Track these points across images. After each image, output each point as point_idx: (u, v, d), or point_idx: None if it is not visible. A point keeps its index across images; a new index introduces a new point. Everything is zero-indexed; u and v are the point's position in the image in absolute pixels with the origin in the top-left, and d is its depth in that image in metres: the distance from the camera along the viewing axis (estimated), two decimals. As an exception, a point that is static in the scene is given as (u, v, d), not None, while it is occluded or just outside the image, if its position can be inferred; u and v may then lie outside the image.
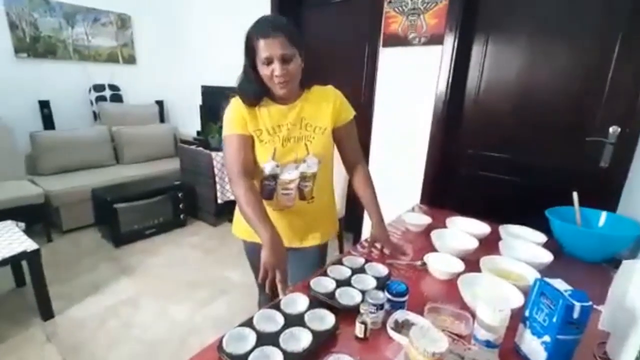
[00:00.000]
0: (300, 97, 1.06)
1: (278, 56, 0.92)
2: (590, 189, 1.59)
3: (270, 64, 0.93)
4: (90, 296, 2.00)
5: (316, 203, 1.12)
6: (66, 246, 2.60)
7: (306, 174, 1.06)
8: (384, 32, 2.17)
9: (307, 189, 1.09)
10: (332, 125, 1.07)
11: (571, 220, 1.21)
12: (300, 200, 1.10)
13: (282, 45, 0.91)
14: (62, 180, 2.84)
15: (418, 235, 1.29)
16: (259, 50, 0.93)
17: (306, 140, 1.04)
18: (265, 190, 1.08)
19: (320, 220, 1.19)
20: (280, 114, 1.03)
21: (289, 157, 1.02)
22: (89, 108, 3.51)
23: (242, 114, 1.01)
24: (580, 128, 1.74)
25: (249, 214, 0.94)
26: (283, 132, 1.02)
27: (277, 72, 0.93)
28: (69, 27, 3.29)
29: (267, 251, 0.88)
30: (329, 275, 0.93)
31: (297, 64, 0.96)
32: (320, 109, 1.06)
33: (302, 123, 1.04)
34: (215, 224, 3.03)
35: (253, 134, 1.02)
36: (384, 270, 0.97)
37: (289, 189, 1.07)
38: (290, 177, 1.05)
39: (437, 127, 2.08)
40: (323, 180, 1.11)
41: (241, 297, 2.03)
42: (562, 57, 1.74)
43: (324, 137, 1.05)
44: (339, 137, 1.11)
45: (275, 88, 0.97)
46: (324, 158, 1.07)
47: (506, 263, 0.99)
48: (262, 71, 0.96)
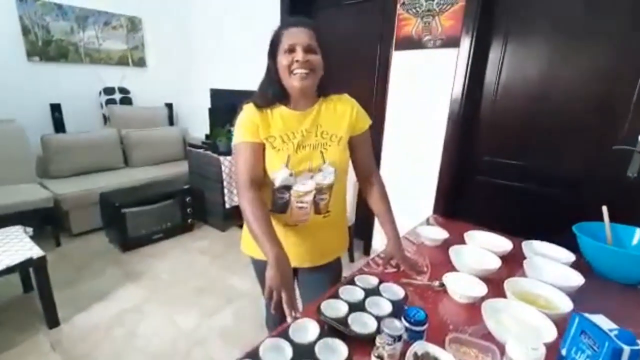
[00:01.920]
0: (316, 103, 1.01)
1: (302, 44, 0.89)
2: (616, 200, 1.49)
3: (292, 52, 0.90)
4: (97, 303, 1.98)
5: (331, 217, 1.05)
6: (74, 250, 2.59)
7: (322, 185, 0.99)
8: (397, 34, 2.10)
9: (323, 202, 1.02)
10: (348, 134, 1.02)
11: (601, 237, 1.12)
12: (315, 215, 1.02)
13: (309, 36, 0.90)
14: (72, 183, 2.84)
15: (434, 250, 1.22)
16: (284, 39, 0.91)
17: (322, 148, 0.98)
18: (278, 203, 1.01)
19: (334, 236, 1.13)
20: (295, 119, 0.98)
21: (303, 165, 0.96)
22: (99, 111, 3.52)
23: (254, 120, 0.96)
24: (606, 135, 1.64)
25: (254, 229, 0.89)
26: (297, 139, 0.96)
27: (299, 57, 0.89)
28: (80, 31, 3.30)
29: (272, 271, 0.82)
30: (340, 297, 0.87)
31: (318, 59, 0.93)
32: (337, 117, 1.01)
33: (318, 130, 0.99)
34: (223, 229, 2.99)
35: (265, 141, 0.96)
36: (400, 292, 0.91)
37: (304, 201, 1.00)
38: (305, 188, 0.98)
39: (452, 133, 2.00)
40: (339, 193, 1.05)
41: (248, 306, 1.98)
42: (586, 58, 1.65)
43: (340, 147, 1.00)
44: (353, 147, 1.05)
45: (292, 80, 0.92)
46: (340, 168, 1.01)
47: (533, 286, 0.91)
48: (282, 61, 0.91)
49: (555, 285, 0.90)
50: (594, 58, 1.62)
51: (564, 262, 1.05)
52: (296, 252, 1.03)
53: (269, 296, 0.81)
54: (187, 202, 2.88)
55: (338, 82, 1.06)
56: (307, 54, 0.90)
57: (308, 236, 1.05)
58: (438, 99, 2.01)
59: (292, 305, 0.81)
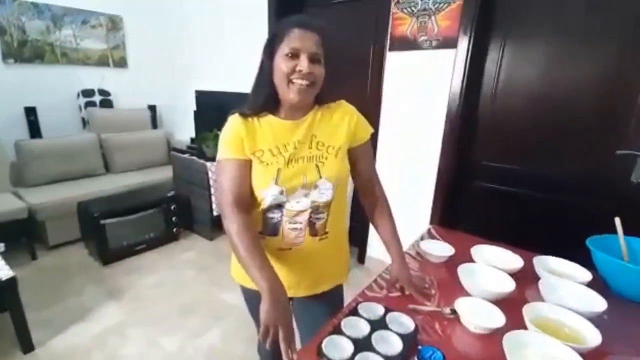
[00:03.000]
0: (310, 111, 0.90)
1: (309, 52, 0.79)
2: (621, 207, 1.44)
3: (295, 58, 0.79)
4: (75, 324, 1.83)
5: (330, 239, 0.93)
6: (51, 264, 2.43)
7: (319, 203, 0.87)
8: (392, 34, 2.02)
9: (320, 222, 0.90)
10: (347, 145, 0.91)
11: (615, 251, 1.05)
12: (311, 236, 0.90)
13: (317, 43, 0.80)
14: (48, 191, 2.67)
15: (439, 268, 1.13)
16: (289, 39, 0.79)
17: (317, 161, 0.86)
18: (269, 224, 0.89)
19: (334, 261, 1.00)
20: (286, 130, 0.87)
21: (296, 180, 0.85)
22: (77, 114, 3.33)
23: (239, 134, 0.85)
24: (609, 139, 1.59)
25: (243, 257, 0.78)
26: (289, 151, 0.85)
27: (304, 67, 0.78)
28: (56, 30, 3.12)
29: (267, 305, 0.72)
30: (343, 333, 0.77)
31: (322, 71, 0.83)
32: (334, 126, 0.90)
33: (313, 141, 0.88)
34: (211, 238, 2.86)
35: (252, 156, 0.85)
36: (410, 324, 0.81)
37: (298, 222, 0.88)
38: (299, 206, 0.87)
39: (449, 138, 1.92)
40: (338, 211, 0.93)
41: (237, 324, 1.86)
42: (587, 60, 1.59)
43: (338, 159, 0.88)
44: (354, 159, 0.95)
45: (291, 91, 0.81)
46: (339, 183, 0.89)
47: (553, 313, 0.83)
48: (281, 67, 0.80)
49: (575, 310, 0.82)
50: (596, 59, 1.57)
51: (580, 281, 0.98)
52: (290, 280, 0.92)
53: (265, 334, 0.72)
54: (172, 210, 2.74)
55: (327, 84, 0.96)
56: (312, 64, 0.80)
57: (303, 261, 0.93)
58: (434, 102, 1.94)
59: (290, 343, 0.72)
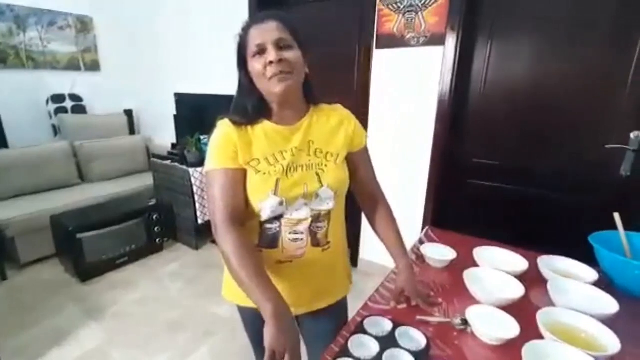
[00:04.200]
0: (305, 115, 0.85)
1: (272, 41, 0.74)
2: (611, 200, 1.46)
3: (263, 53, 0.75)
4: (51, 349, 1.69)
5: (332, 249, 0.89)
6: (24, 284, 2.26)
7: (320, 211, 0.83)
8: (378, 32, 1.97)
9: (321, 232, 0.85)
10: (346, 151, 0.87)
11: (617, 247, 1.04)
12: (313, 247, 0.85)
13: (278, 29, 0.75)
14: (17, 205, 2.49)
15: (442, 274, 1.09)
16: (250, 40, 0.76)
17: (317, 168, 0.82)
18: (267, 235, 0.83)
19: (336, 272, 0.95)
20: (281, 137, 0.82)
21: (296, 190, 0.79)
22: (47, 121, 3.14)
23: (232, 141, 0.78)
24: (598, 134, 1.60)
25: (242, 277, 0.70)
26: (287, 159, 0.80)
27: (272, 57, 0.73)
28: (20, 32, 2.92)
29: (273, 329, 0.64)
30: (351, 354, 0.71)
31: (297, 55, 0.77)
32: (332, 132, 0.86)
33: (311, 148, 0.83)
34: (196, 247, 2.75)
35: (247, 166, 0.79)
36: (421, 339, 0.76)
37: (299, 232, 0.82)
38: (299, 216, 0.81)
39: (441, 136, 1.90)
40: (338, 219, 0.89)
41: (228, 338, 1.77)
42: (575, 55, 1.59)
43: (337, 166, 0.84)
44: (353, 166, 0.90)
45: (271, 85, 0.76)
46: (340, 191, 0.85)
47: (568, 318, 0.79)
48: (255, 67, 0.76)
49: (588, 312, 0.79)
50: (582, 55, 1.57)
51: (587, 281, 0.95)
52: (291, 296, 0.83)
53: (271, 355, 0.64)
54: (154, 219, 2.61)
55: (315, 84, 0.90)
56: (281, 51, 0.74)
57: (305, 275, 0.87)
58: (424, 100, 1.90)
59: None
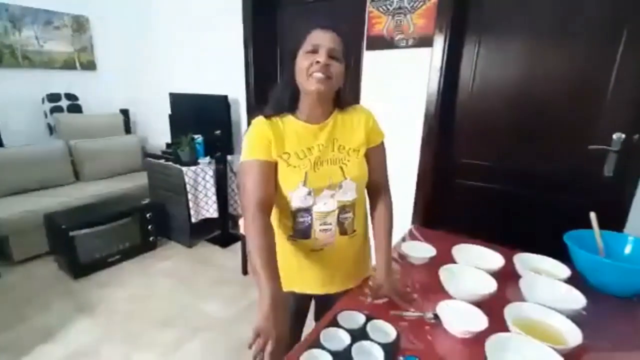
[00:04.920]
0: (331, 115, 0.94)
1: (327, 48, 0.82)
2: (596, 200, 1.48)
3: (315, 52, 0.83)
4: (42, 345, 1.71)
5: (358, 236, 1.00)
6: (17, 281, 2.28)
7: (345, 202, 0.93)
8: (368, 33, 1.99)
9: (347, 221, 0.95)
10: (365, 146, 0.96)
11: (592, 246, 1.06)
12: (342, 235, 0.95)
13: (335, 41, 0.84)
14: (12, 204, 2.51)
15: (422, 270, 1.11)
16: (309, 38, 0.84)
17: (341, 163, 0.92)
18: (301, 228, 0.93)
19: (363, 256, 1.07)
20: (310, 134, 0.91)
21: (322, 182, 0.89)
22: (42, 120, 3.16)
23: (266, 136, 0.88)
24: (582, 135, 1.62)
25: (256, 262, 0.78)
26: (314, 155, 0.90)
27: (322, 58, 0.81)
28: (16, 31, 2.94)
29: (264, 312, 0.70)
30: (323, 346, 0.73)
31: (340, 68, 0.86)
32: (353, 129, 0.95)
33: (335, 145, 0.92)
34: (190, 245, 2.77)
35: (279, 158, 0.88)
36: (391, 332, 0.78)
37: (328, 222, 0.93)
38: (327, 208, 0.91)
39: (429, 137, 1.92)
40: (362, 209, 1.00)
41: (218, 335, 1.79)
42: (560, 58, 1.61)
43: (358, 160, 0.94)
44: (367, 160, 0.97)
45: (309, 82, 0.84)
46: (361, 183, 0.95)
47: (535, 313, 0.82)
48: (302, 62, 0.84)
49: (556, 308, 0.82)
50: (568, 56, 1.59)
51: (560, 277, 0.97)
52: (324, 277, 0.99)
53: (254, 340, 0.68)
54: (147, 218, 2.63)
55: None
56: (329, 59, 0.83)
57: (335, 259, 0.98)
58: (413, 101, 1.93)
59: (277, 358, 0.69)
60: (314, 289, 1.01)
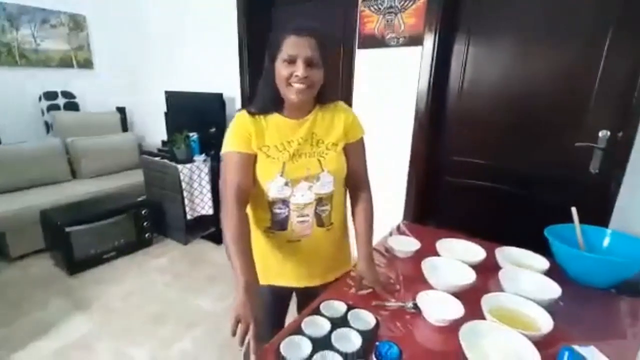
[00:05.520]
0: (311, 112, 0.96)
1: (304, 57, 0.83)
2: (582, 197, 1.51)
3: (293, 63, 0.84)
4: (36, 339, 1.73)
5: (335, 229, 1.02)
6: (13, 277, 2.30)
7: (322, 194, 0.95)
8: (360, 32, 2.02)
9: (325, 214, 0.97)
10: (343, 142, 0.98)
11: (572, 240, 1.09)
12: (319, 227, 0.97)
13: (312, 48, 0.84)
14: (8, 200, 2.53)
15: (406, 263, 1.14)
16: (285, 46, 0.84)
17: (319, 156, 0.94)
18: (278, 219, 0.95)
19: (340, 249, 1.09)
20: (289, 128, 0.94)
21: (300, 173, 0.92)
22: (39, 118, 3.18)
23: (247, 129, 0.90)
24: (568, 133, 1.65)
25: (231, 249, 0.81)
26: (293, 147, 0.92)
27: (300, 72, 0.83)
28: (13, 30, 2.96)
29: (243, 297, 0.73)
30: (303, 333, 0.76)
31: (320, 74, 0.88)
32: (332, 125, 0.97)
33: (314, 139, 0.95)
34: (185, 242, 2.79)
35: (258, 151, 0.91)
36: (371, 320, 0.81)
37: (305, 214, 0.95)
38: (304, 200, 0.93)
39: (419, 134, 1.95)
40: (339, 203, 1.01)
41: (211, 330, 1.81)
42: (548, 56, 1.64)
43: (336, 154, 0.96)
44: (346, 155, 0.99)
45: (289, 92, 0.87)
46: (339, 176, 0.97)
47: (511, 302, 0.84)
48: (281, 72, 0.85)
49: (533, 298, 0.84)
50: (557, 56, 1.62)
51: (539, 269, 1.00)
52: (301, 271, 1.01)
53: (235, 325, 0.71)
54: (143, 215, 2.65)
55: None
56: (308, 68, 0.84)
57: (312, 252, 1.00)
58: (403, 99, 1.95)
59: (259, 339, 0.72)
60: (293, 282, 1.03)
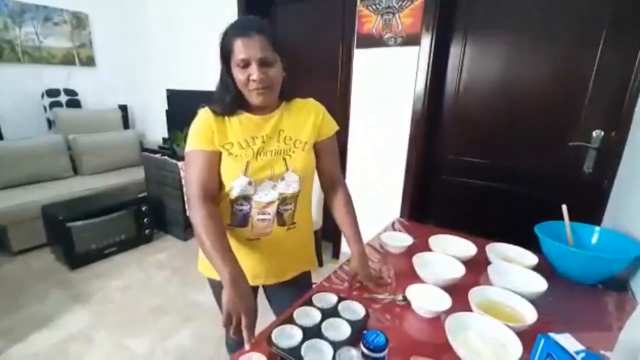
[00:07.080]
0: (278, 107, 0.94)
1: (256, 59, 0.81)
2: (575, 196, 1.53)
3: (247, 67, 0.83)
4: (36, 332, 1.76)
5: (297, 229, 0.99)
6: (15, 271, 2.33)
7: (286, 194, 0.93)
8: (358, 32, 2.04)
9: (287, 213, 0.95)
10: (313, 139, 0.96)
11: (562, 237, 1.11)
12: (279, 226, 0.95)
13: (262, 47, 0.81)
14: (11, 195, 2.56)
15: (399, 258, 1.16)
16: (235, 51, 0.82)
17: (285, 154, 0.91)
18: (238, 215, 0.93)
19: (301, 249, 1.07)
20: (254, 125, 0.91)
21: (264, 172, 0.89)
22: (42, 115, 3.21)
23: (209, 126, 0.88)
24: (563, 132, 1.67)
25: (206, 245, 0.80)
26: (257, 145, 0.89)
27: (255, 76, 0.82)
28: (16, 27, 2.99)
29: (229, 292, 0.74)
30: (295, 322, 0.78)
31: (277, 70, 0.86)
32: (301, 122, 0.95)
33: (280, 136, 0.92)
34: (185, 238, 2.82)
35: (221, 148, 0.88)
36: (361, 311, 0.83)
37: (267, 213, 0.93)
38: (267, 199, 0.91)
39: (416, 133, 1.97)
40: (304, 202, 0.99)
41: (208, 324, 1.84)
42: (543, 56, 1.66)
43: (304, 153, 0.93)
44: (317, 153, 0.98)
45: (251, 96, 0.86)
46: (305, 175, 0.94)
47: (497, 295, 0.87)
48: (237, 76, 0.84)
49: (519, 292, 0.86)
50: (552, 56, 1.64)
51: (527, 265, 1.02)
52: (259, 269, 0.98)
53: (228, 321, 0.74)
54: (143, 211, 2.68)
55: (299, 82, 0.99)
56: (263, 68, 0.82)
57: (271, 250, 0.98)
58: (401, 98, 1.98)
59: (252, 330, 0.75)
60: (251, 280, 0.96)
